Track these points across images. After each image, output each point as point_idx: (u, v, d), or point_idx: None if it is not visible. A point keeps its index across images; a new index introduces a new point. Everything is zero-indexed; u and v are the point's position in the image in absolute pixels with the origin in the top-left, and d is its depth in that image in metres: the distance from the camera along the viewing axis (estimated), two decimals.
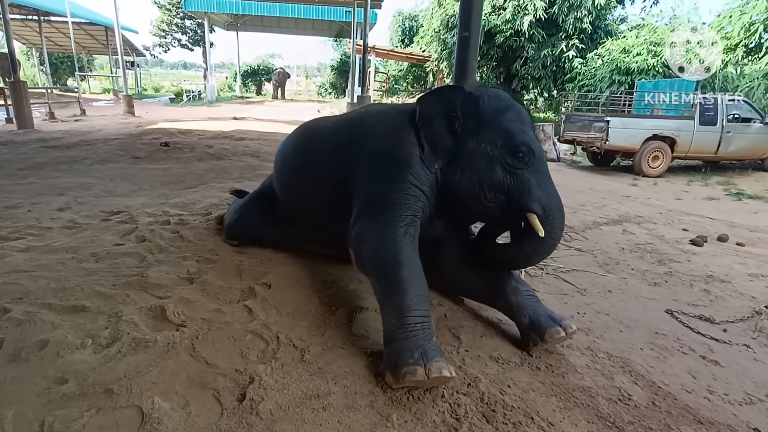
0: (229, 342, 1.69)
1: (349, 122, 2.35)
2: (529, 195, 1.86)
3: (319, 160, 2.29)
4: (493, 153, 1.89)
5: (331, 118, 2.66)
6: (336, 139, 2.26)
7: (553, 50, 13.38)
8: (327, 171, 2.22)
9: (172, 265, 2.30)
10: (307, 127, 2.59)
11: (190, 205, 3.75)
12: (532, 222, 1.84)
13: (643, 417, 1.61)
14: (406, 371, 1.47)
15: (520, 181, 1.87)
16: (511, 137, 1.88)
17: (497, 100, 1.98)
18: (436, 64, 18.58)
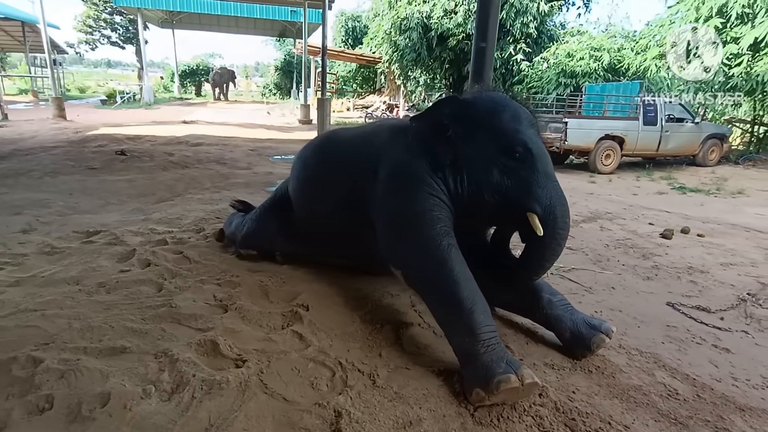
0: (294, 373, 1.59)
1: (365, 137, 2.34)
2: (527, 194, 1.82)
3: (338, 173, 2.28)
4: (489, 155, 1.87)
5: (349, 130, 2.60)
6: (353, 154, 2.25)
7: (502, 54, 13.94)
8: (344, 184, 2.21)
9: (194, 291, 2.12)
10: (329, 139, 2.56)
11: (176, 221, 3.49)
12: (532, 221, 1.80)
13: (696, 410, 1.72)
14: (500, 380, 1.46)
15: (517, 181, 1.84)
16: (506, 137, 1.86)
17: (491, 102, 1.97)
18: (387, 66, 18.70)
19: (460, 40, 13.69)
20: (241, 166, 6.63)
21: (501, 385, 1.45)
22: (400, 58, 16.24)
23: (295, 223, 2.54)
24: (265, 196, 4.68)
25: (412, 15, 14.19)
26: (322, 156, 2.44)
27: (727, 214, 5.60)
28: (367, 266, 2.47)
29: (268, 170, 6.38)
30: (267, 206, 2.77)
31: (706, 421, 1.66)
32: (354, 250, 2.36)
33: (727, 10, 8.15)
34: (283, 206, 2.64)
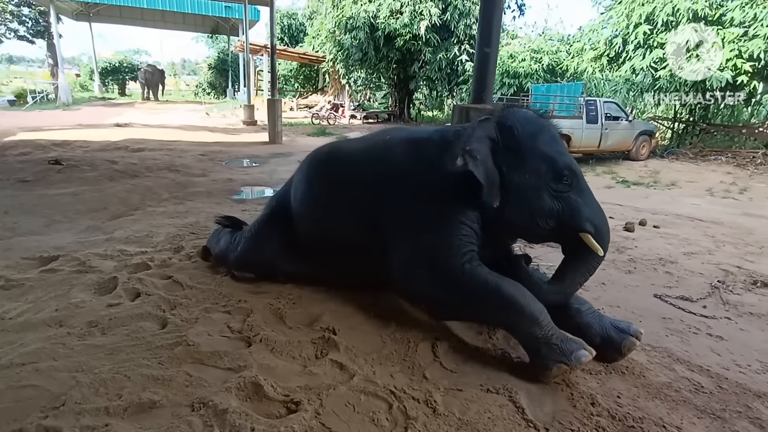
0: (350, 410, 1.45)
1: (378, 153, 2.20)
2: (579, 216, 1.87)
3: (350, 192, 2.16)
4: (539, 182, 1.87)
5: (354, 142, 2.45)
6: (367, 170, 2.15)
7: (447, 54, 14.27)
8: (359, 204, 2.11)
9: (204, 323, 1.89)
10: (333, 153, 2.38)
11: (146, 239, 3.13)
12: (588, 241, 1.85)
13: (725, 402, 1.81)
14: (580, 355, 1.72)
15: (568, 203, 1.88)
16: (553, 162, 1.88)
17: (529, 124, 1.97)
18: (332, 65, 18.43)
19: (407, 40, 13.81)
20: (196, 173, 6.17)
21: (582, 359, 1.71)
22: (346, 57, 16.06)
23: (299, 242, 2.35)
24: (232, 206, 4.41)
25: (358, 14, 14.07)
26: (332, 175, 2.27)
27: (670, 205, 6.11)
28: (375, 285, 2.34)
29: (226, 177, 5.99)
30: (263, 223, 2.53)
31: (738, 412, 1.75)
32: (369, 271, 2.21)
33: (654, 18, 8.93)
34: (281, 223, 2.42)
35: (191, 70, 64.91)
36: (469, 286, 1.86)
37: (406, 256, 1.96)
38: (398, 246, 1.99)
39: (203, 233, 3.36)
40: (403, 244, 1.98)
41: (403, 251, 1.97)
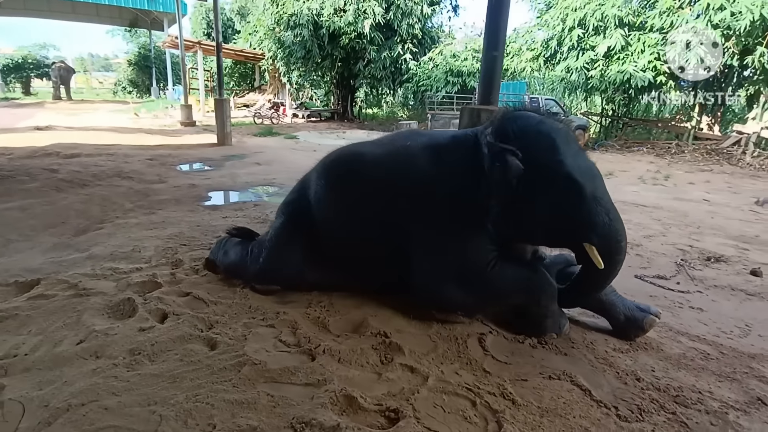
0: (441, 411, 1.47)
1: (400, 158, 2.20)
2: (581, 225, 1.88)
3: (377, 199, 2.16)
4: (541, 189, 1.88)
5: (373, 147, 2.35)
6: (392, 177, 2.15)
7: (391, 53, 14.43)
8: (385, 210, 2.12)
9: (255, 340, 1.79)
10: (355, 159, 2.31)
11: (134, 255, 2.88)
12: (591, 253, 1.85)
13: (731, 365, 2.05)
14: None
15: (571, 212, 1.88)
16: (553, 170, 1.86)
17: (536, 132, 1.96)
18: (272, 63, 17.88)
19: (352, 38, 13.77)
20: (152, 179, 5.72)
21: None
22: (287, 55, 15.67)
23: (323, 249, 2.29)
24: (205, 213, 4.17)
25: (300, 12, 13.77)
26: (357, 181, 2.23)
27: (615, 194, 6.63)
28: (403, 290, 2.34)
29: (187, 182, 5.63)
30: (281, 233, 2.39)
31: (744, 372, 2.00)
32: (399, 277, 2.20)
33: (585, 23, 9.73)
34: (301, 231, 2.33)
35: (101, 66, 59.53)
36: (497, 286, 2.01)
37: (432, 264, 2.02)
38: (424, 253, 2.04)
39: (194, 244, 3.16)
40: (429, 251, 2.04)
41: (429, 259, 2.03)
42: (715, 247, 3.98)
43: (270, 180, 6.14)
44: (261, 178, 6.30)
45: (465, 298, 2.03)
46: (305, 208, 2.35)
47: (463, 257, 2.00)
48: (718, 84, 10.14)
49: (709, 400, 1.74)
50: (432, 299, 2.11)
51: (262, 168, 7.19)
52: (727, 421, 1.62)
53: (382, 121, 19.66)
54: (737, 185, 7.97)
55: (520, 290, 2.02)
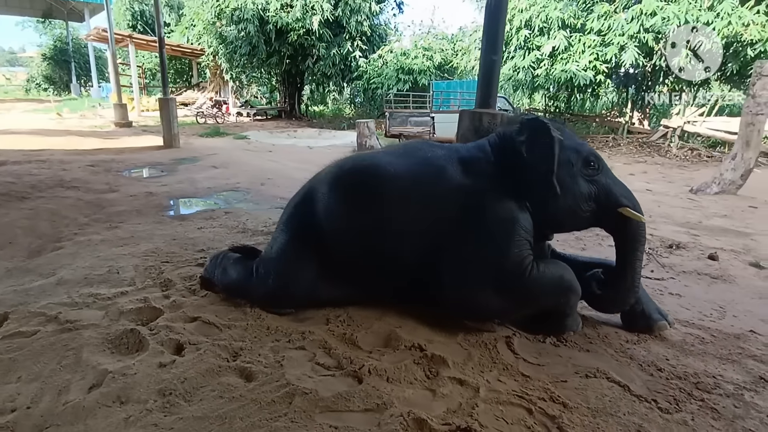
0: (503, 423, 1.46)
1: (425, 171, 2.18)
2: (613, 193, 2.11)
3: (403, 213, 2.10)
4: (573, 170, 2.10)
5: (390, 159, 2.27)
6: (419, 190, 2.12)
7: (340, 50, 14.25)
8: (413, 224, 2.09)
9: (291, 365, 1.66)
10: (374, 173, 2.21)
11: (113, 278, 2.59)
12: (628, 213, 2.07)
13: (725, 347, 2.22)
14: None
15: (600, 185, 2.12)
16: (579, 151, 2.12)
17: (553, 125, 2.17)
18: (213, 59, 16.98)
19: (301, 35, 13.41)
20: (101, 188, 5.21)
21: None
22: (231, 51, 14.95)
23: (337, 264, 2.19)
24: (176, 224, 3.86)
25: (245, 6, 13.16)
26: (380, 196, 2.14)
27: None
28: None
29: (143, 190, 5.19)
30: (289, 250, 2.22)
31: (739, 354, 2.18)
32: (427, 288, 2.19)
33: (531, 24, 10.19)
34: (311, 247, 2.19)
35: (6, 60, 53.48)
36: (536, 289, 2.05)
37: (469, 273, 2.02)
38: (460, 263, 2.03)
39: (177, 261, 2.91)
40: (465, 260, 2.03)
41: (465, 268, 2.02)
42: (672, 235, 4.31)
43: (234, 185, 5.83)
44: (223, 182, 5.96)
45: (503, 304, 2.03)
46: (312, 222, 2.21)
47: (502, 264, 2.00)
48: (647, 83, 11.08)
49: (724, 384, 1.87)
50: (469, 308, 2.09)
51: (221, 172, 6.81)
52: (746, 402, 1.75)
53: (331, 119, 19.41)
54: (669, 175, 8.76)
55: (556, 292, 2.07)
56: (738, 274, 3.45)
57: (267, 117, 18.45)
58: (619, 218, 2.11)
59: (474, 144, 2.36)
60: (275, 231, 2.41)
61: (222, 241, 3.38)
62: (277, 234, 2.34)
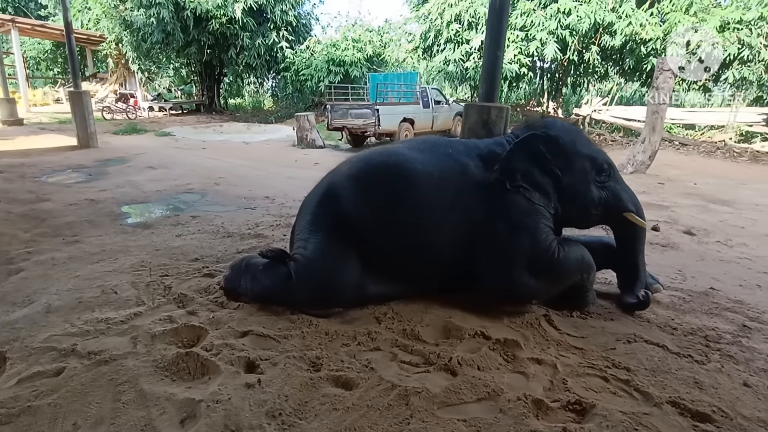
0: (595, 393, 1.60)
1: (452, 167, 2.24)
2: (621, 199, 2.33)
3: (436, 209, 2.16)
4: (587, 178, 2.27)
5: (412, 152, 2.29)
6: (448, 186, 2.19)
7: (265, 40, 13.61)
8: (446, 219, 2.16)
9: (380, 367, 1.63)
10: (400, 166, 2.22)
11: (112, 299, 2.30)
12: (633, 219, 2.31)
13: (704, 304, 2.59)
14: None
15: (610, 191, 2.32)
16: (595, 159, 2.32)
17: (568, 132, 2.38)
18: (115, 47, 15.22)
19: (223, 23, 12.54)
20: (27, 198, 4.50)
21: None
22: (139, 38, 13.53)
23: (376, 261, 2.18)
24: (148, 234, 3.50)
25: None
26: (413, 193, 2.16)
27: None
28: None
29: (81, 197, 4.59)
30: (328, 250, 2.14)
31: (716, 308, 2.54)
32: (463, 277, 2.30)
33: (461, 18, 10.63)
34: (350, 245, 2.15)
35: None
36: (565, 268, 2.21)
37: (507, 259, 2.14)
38: (497, 250, 2.15)
39: (177, 273, 2.65)
40: (501, 247, 2.15)
41: (503, 255, 2.15)
42: None
43: (185, 187, 5.38)
44: (171, 185, 5.47)
45: (539, 285, 2.18)
46: (344, 220, 2.16)
47: (534, 250, 2.13)
48: (561, 75, 12.20)
49: (724, 334, 2.21)
50: (511, 293, 2.21)
51: (161, 173, 6.23)
52: (746, 347, 2.08)
53: (254, 112, 18.55)
54: None
55: (580, 269, 2.25)
56: (679, 241, 4.02)
57: (183, 111, 17.07)
58: (624, 220, 2.35)
59: (491, 141, 2.47)
60: (300, 234, 2.28)
61: (213, 248, 3.14)
62: (306, 235, 2.23)
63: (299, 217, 2.38)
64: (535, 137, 2.22)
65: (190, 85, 18.33)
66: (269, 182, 5.90)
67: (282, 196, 5.05)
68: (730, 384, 1.73)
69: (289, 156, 8.59)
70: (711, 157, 10.14)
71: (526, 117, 8.79)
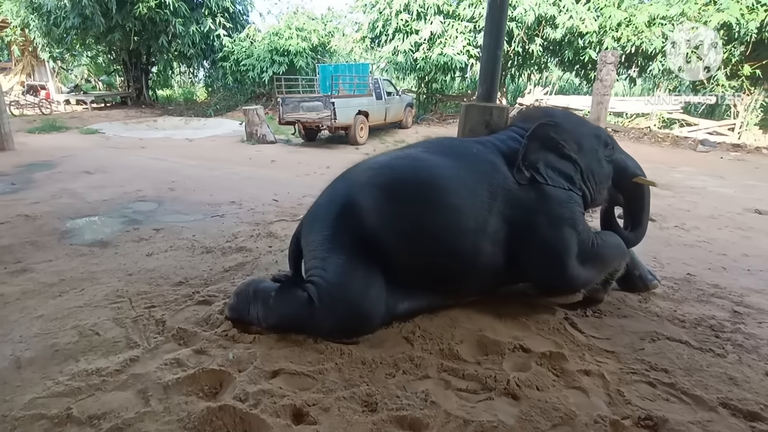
0: (648, 402, 1.61)
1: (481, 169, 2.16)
2: (628, 167, 2.49)
3: (470, 213, 2.06)
4: (597, 155, 2.39)
5: (432, 155, 2.18)
6: (479, 188, 2.10)
7: (200, 27, 12.64)
8: (481, 222, 2.08)
9: (440, 399, 1.51)
10: (422, 172, 2.09)
11: (95, 341, 1.97)
12: (643, 181, 2.49)
13: (691, 292, 2.75)
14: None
15: (617, 162, 2.46)
16: (599, 137, 2.44)
17: (569, 117, 2.49)
18: (22, 33, 13.39)
19: (152, 7, 11.42)
20: None
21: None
22: (51, 23, 11.99)
23: (409, 276, 2.06)
24: (108, 255, 3.09)
25: None
26: (442, 200, 2.02)
27: None
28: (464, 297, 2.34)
29: (13, 213, 3.96)
30: (351, 271, 1.95)
31: (702, 294, 2.70)
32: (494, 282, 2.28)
33: (410, 8, 10.52)
34: (374, 262, 1.98)
35: None
36: (607, 255, 2.28)
37: (554, 254, 2.12)
38: (543, 247, 2.12)
39: (162, 303, 2.34)
40: (545, 246, 2.12)
41: (549, 250, 2.12)
42: None
43: (137, 194, 4.85)
44: (119, 192, 4.90)
45: (589, 274, 2.20)
46: (369, 236, 1.98)
47: (577, 240, 2.14)
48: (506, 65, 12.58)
49: (723, 322, 2.35)
50: (565, 285, 2.22)
51: (102, 178, 5.58)
52: (748, 333, 2.23)
53: (189, 105, 17.28)
54: None
55: (619, 255, 2.33)
56: None
57: (107, 105, 15.48)
58: (632, 185, 2.49)
59: (503, 136, 2.41)
60: (315, 252, 2.05)
61: (195, 268, 2.83)
62: (324, 254, 2.00)
63: (310, 231, 2.11)
64: (544, 126, 2.24)
65: (112, 75, 16.62)
66: (229, 184, 5.49)
67: (249, 200, 4.71)
68: (756, 377, 1.83)
69: (242, 153, 8.08)
70: (640, 142, 10.99)
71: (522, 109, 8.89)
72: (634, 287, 2.68)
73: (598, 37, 10.26)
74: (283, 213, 4.26)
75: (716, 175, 7.65)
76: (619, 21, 9.95)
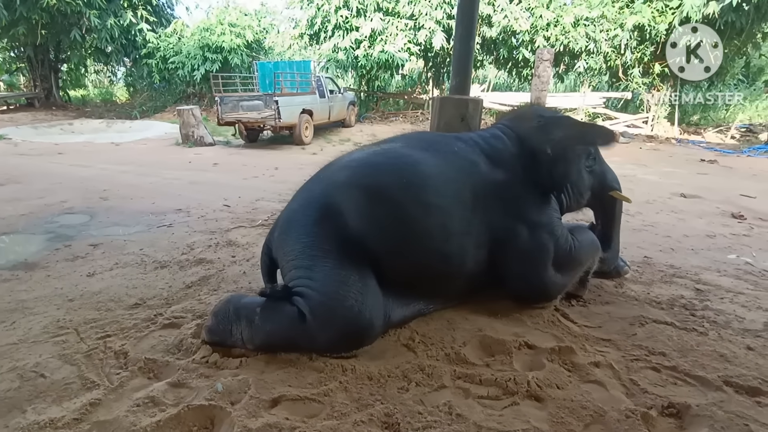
0: (660, 388, 1.63)
1: (462, 166, 2.09)
2: (606, 179, 2.48)
3: (455, 211, 1.99)
4: (580, 165, 2.33)
5: (413, 151, 2.07)
6: (462, 186, 2.04)
7: (119, 20, 11.54)
8: (464, 221, 2.01)
9: (464, 411, 1.40)
10: (405, 168, 1.98)
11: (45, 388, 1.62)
12: (618, 196, 2.50)
13: (654, 274, 2.92)
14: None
15: (597, 174, 2.43)
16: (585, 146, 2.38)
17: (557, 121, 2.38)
18: None
19: None
20: None
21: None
22: None
23: (399, 281, 1.93)
24: (32, 281, 2.65)
25: None
26: (423, 194, 1.93)
27: None
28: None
29: None
30: (343, 277, 1.77)
31: (664, 275, 2.87)
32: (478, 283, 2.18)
33: (349, 4, 10.33)
34: (365, 266, 1.83)
35: None
36: (581, 257, 2.26)
37: (531, 258, 2.09)
38: (519, 251, 2.08)
39: (119, 331, 2.00)
40: (523, 254, 2.09)
41: (525, 255, 2.09)
42: None
43: (61, 206, 4.27)
44: (38, 205, 4.28)
45: (564, 279, 2.18)
46: (354, 239, 1.82)
47: (554, 245, 2.11)
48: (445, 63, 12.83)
49: (693, 301, 2.48)
50: (541, 294, 2.16)
51: (16, 190, 4.87)
52: (716, 309, 2.37)
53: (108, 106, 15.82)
54: None
55: (593, 253, 2.32)
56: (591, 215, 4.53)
57: (10, 107, 13.68)
58: (608, 199, 2.51)
59: (488, 134, 2.36)
60: (295, 261, 1.84)
61: (151, 286, 2.49)
62: (307, 262, 1.81)
63: (286, 240, 1.92)
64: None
65: (15, 74, 14.71)
66: (171, 191, 5.02)
67: (197, 207, 4.33)
68: (741, 351, 1.92)
69: (180, 157, 7.48)
70: None
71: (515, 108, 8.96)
72: (608, 274, 2.76)
73: (530, 36, 10.77)
74: (238, 219, 3.95)
75: (640, 164, 8.33)
76: (549, 21, 10.51)
